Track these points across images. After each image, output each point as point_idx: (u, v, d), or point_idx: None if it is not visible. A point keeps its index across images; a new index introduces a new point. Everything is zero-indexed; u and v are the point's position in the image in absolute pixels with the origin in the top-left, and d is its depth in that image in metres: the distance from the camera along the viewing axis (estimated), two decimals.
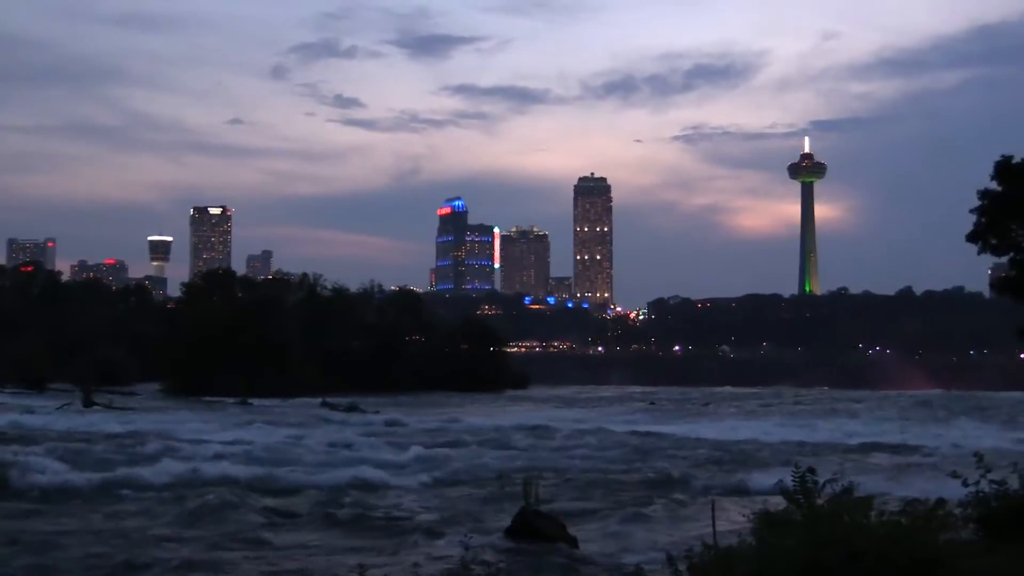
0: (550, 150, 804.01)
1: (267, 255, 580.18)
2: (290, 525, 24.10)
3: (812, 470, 11.10)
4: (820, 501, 10.73)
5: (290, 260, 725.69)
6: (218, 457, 37.81)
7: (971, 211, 25.53)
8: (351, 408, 77.81)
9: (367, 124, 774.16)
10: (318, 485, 29.88)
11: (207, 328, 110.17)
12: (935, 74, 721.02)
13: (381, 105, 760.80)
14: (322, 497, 27.89)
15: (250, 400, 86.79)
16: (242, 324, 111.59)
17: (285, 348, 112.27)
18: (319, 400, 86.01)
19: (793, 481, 10.96)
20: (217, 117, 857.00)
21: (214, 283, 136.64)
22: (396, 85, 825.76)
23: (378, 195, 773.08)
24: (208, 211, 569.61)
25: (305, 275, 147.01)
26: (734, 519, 16.37)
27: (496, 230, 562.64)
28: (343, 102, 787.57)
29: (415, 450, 41.27)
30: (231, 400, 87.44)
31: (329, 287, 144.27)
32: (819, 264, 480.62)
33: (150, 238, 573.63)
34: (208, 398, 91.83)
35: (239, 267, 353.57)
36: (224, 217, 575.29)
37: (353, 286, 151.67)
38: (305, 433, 50.96)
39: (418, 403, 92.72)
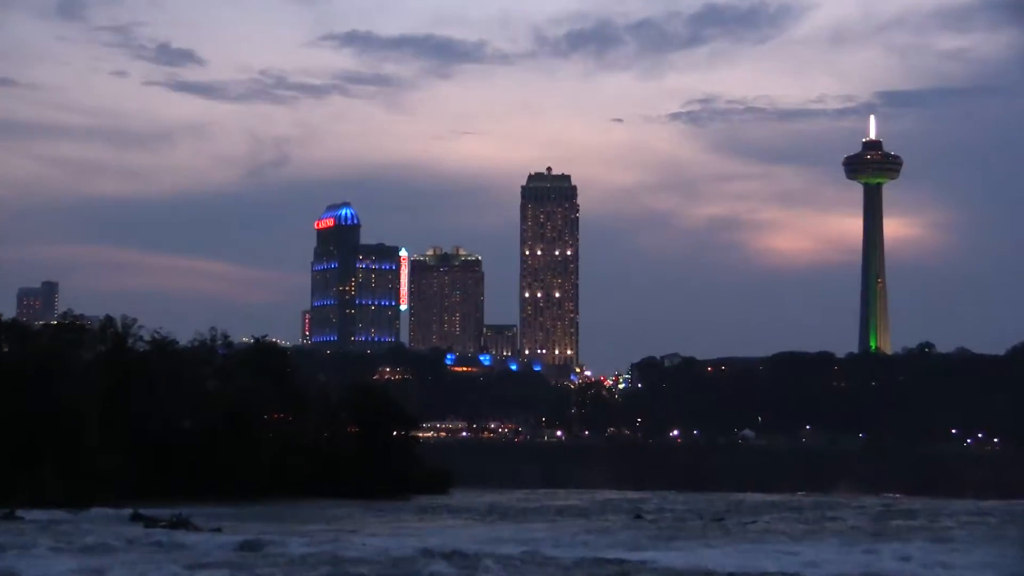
0: (486, 132, 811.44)
1: (50, 288, 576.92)
2: None
3: None
4: None
5: (87, 296, 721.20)
6: None
7: None
8: (177, 524, 78.07)
9: (208, 90, 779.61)
10: None
11: None
12: None
13: (229, 62, 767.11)
14: None
15: (19, 512, 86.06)
16: (8, 393, 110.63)
17: (77, 430, 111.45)
18: (128, 512, 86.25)
19: None
20: None
21: None
22: (253, 32, 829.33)
23: (224, 198, 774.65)
24: None
25: (109, 319, 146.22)
26: None
27: (403, 253, 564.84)
28: (170, 56, 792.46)
29: None
30: None
31: (146, 338, 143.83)
32: (890, 307, 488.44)
33: None
34: None
35: (6, 307, 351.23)
36: None
37: (184, 336, 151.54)
38: (105, 564, 50.54)
39: (282, 515, 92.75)
